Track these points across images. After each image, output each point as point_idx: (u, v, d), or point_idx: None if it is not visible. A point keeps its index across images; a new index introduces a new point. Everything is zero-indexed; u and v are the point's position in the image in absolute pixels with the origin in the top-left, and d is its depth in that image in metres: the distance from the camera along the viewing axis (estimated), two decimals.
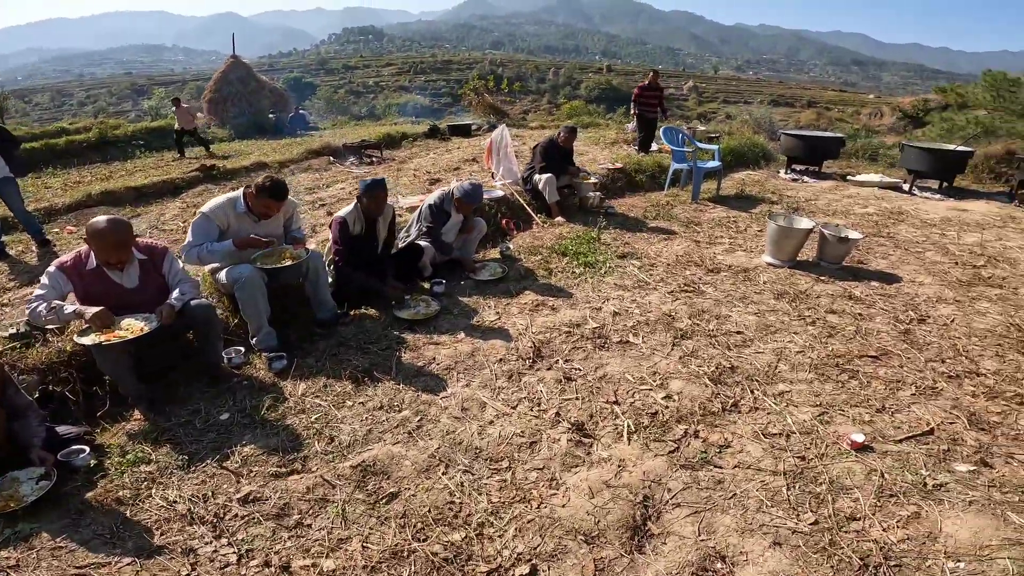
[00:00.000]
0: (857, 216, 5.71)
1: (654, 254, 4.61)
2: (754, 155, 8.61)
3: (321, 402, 2.61)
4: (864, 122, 33.03)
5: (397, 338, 3.18)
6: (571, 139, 5.73)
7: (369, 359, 2.94)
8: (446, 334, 3.21)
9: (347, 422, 2.46)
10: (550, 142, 5.74)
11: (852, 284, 3.99)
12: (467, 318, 3.43)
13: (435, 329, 3.27)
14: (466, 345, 3.09)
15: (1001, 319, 3.46)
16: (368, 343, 3.12)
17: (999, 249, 4.79)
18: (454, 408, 2.55)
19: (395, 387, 2.69)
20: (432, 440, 2.34)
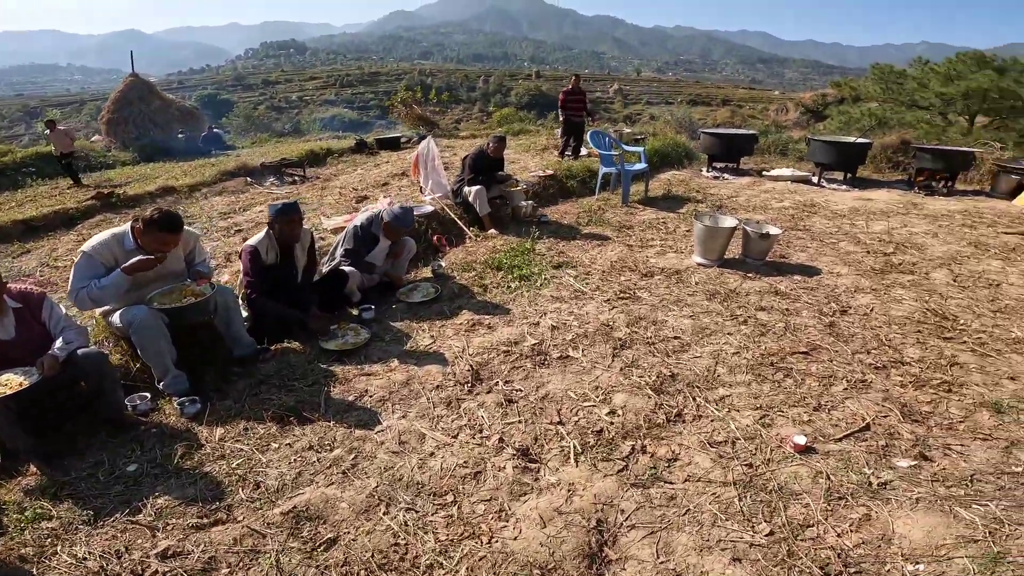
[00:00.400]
0: (775, 210, 5.96)
1: (589, 261, 4.57)
2: (678, 155, 8.89)
3: (243, 446, 2.39)
4: (773, 118, 35.46)
5: (325, 372, 2.95)
6: (500, 149, 5.62)
7: (294, 396, 2.74)
8: (378, 363, 3.02)
9: (274, 466, 2.26)
10: (479, 153, 5.61)
11: (777, 279, 4.11)
12: (400, 344, 3.25)
13: (366, 359, 3.08)
14: (400, 373, 2.91)
15: (917, 305, 3.65)
16: (292, 379, 2.88)
17: (906, 235, 5.13)
18: (391, 442, 2.39)
19: (325, 425, 2.52)
20: (370, 478, 2.18)
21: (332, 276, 3.75)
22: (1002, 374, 2.85)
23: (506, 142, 5.69)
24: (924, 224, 5.51)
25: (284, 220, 3.21)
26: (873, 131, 14.64)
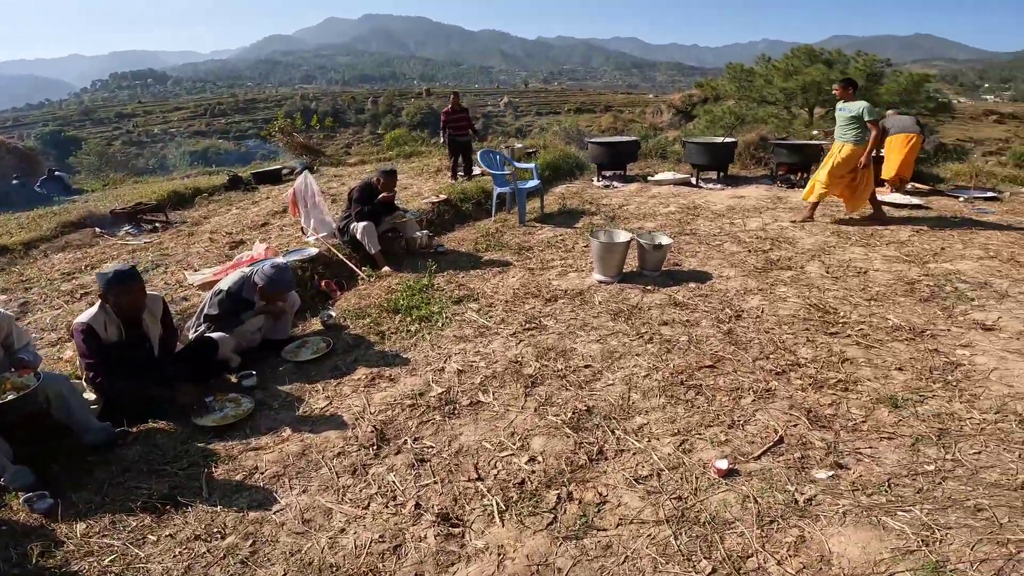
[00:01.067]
0: (663, 216, 6.17)
1: (491, 291, 4.37)
2: (569, 166, 9.03)
3: (113, 541, 2.07)
4: (650, 121, 38.09)
5: (203, 451, 2.61)
6: (391, 184, 5.24)
7: (168, 482, 2.43)
8: (268, 435, 2.70)
9: (156, 560, 2.00)
10: (366, 185, 5.22)
11: (674, 289, 4.16)
12: (291, 410, 2.92)
13: (252, 431, 2.75)
14: (294, 444, 2.61)
15: (800, 302, 3.83)
16: (163, 464, 2.54)
17: (778, 230, 5.49)
18: (293, 522, 2.13)
19: (211, 510, 2.25)
20: (275, 566, 1.94)
21: (199, 345, 3.25)
22: (889, 365, 3.02)
23: (396, 176, 5.34)
24: (791, 217, 5.95)
25: (119, 291, 2.72)
26: (735, 128, 16.07)
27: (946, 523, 1.93)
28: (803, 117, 20.89)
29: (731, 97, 23.80)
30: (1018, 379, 2.81)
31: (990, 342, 3.19)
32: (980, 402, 2.65)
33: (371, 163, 12.36)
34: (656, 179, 8.05)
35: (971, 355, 3.06)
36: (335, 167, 12.01)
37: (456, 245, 5.64)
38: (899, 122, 6.93)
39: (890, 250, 4.78)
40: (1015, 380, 2.81)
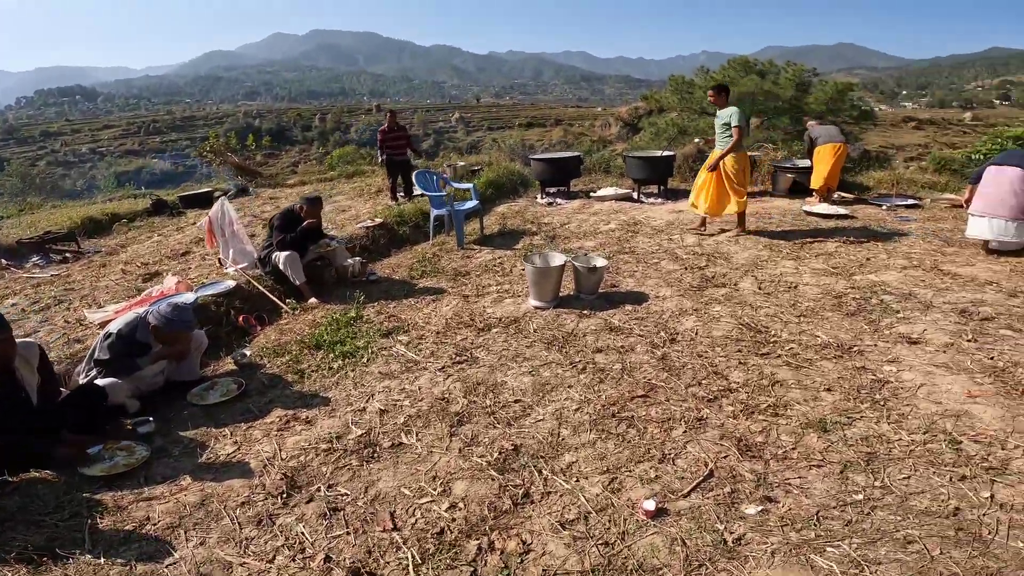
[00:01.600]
0: (604, 234, 6.12)
1: (423, 322, 4.15)
2: (512, 184, 8.93)
3: None
4: (599, 134, 38.83)
5: (88, 501, 2.44)
6: (314, 211, 4.94)
7: (46, 533, 2.26)
8: (164, 484, 2.52)
9: None
10: (288, 213, 4.90)
11: (610, 313, 4.06)
12: (192, 457, 2.71)
13: (147, 480, 2.57)
14: (193, 493, 2.44)
15: (733, 322, 3.79)
16: (42, 514, 2.37)
17: (713, 246, 5.52)
18: None
19: (94, 562, 2.09)
20: None
21: (86, 392, 2.97)
22: (818, 386, 2.98)
23: (321, 203, 5.04)
24: (726, 230, 6.00)
25: None
26: (676, 140, 16.49)
27: (875, 558, 1.86)
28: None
29: (674, 109, 24.49)
30: (945, 395, 2.82)
31: (916, 356, 3.22)
32: (908, 422, 2.62)
33: (312, 183, 11.92)
34: (599, 195, 8.04)
35: (898, 371, 3.07)
36: (273, 188, 11.48)
37: (390, 272, 5.38)
38: (827, 132, 7.13)
39: (818, 263, 4.86)
40: (942, 396, 2.81)
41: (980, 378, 2.95)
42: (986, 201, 4.79)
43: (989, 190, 4.80)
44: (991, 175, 4.86)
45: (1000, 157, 5.05)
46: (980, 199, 4.86)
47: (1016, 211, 4.64)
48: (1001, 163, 4.89)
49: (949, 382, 2.93)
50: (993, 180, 4.81)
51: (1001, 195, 4.70)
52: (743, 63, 22.92)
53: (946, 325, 3.57)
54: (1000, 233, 4.71)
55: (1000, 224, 4.70)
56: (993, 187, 4.77)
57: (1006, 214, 4.66)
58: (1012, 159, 4.86)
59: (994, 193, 4.74)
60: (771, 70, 22.36)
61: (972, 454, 2.38)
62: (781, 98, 20.67)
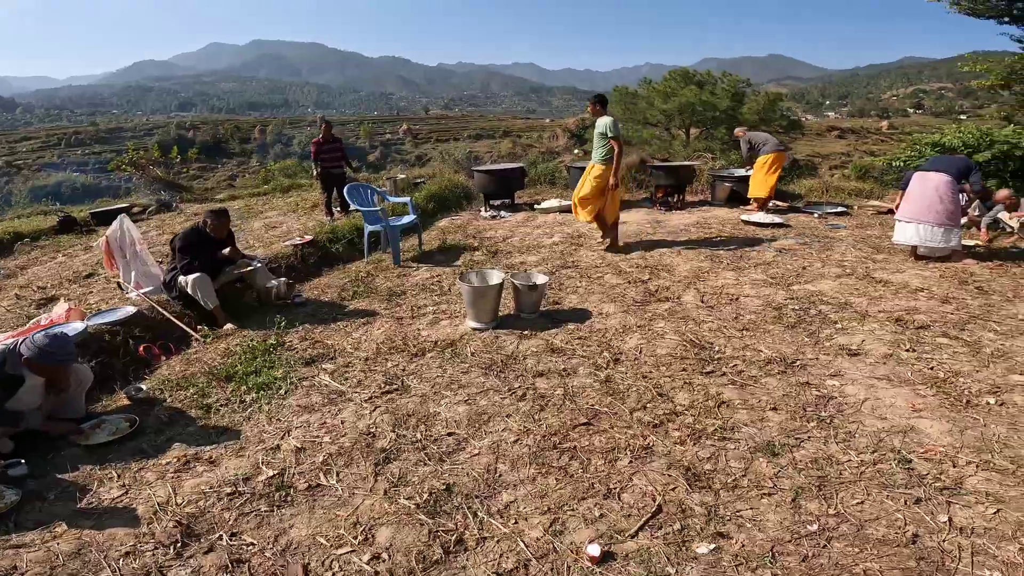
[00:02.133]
0: (547, 248, 5.94)
1: (352, 348, 3.80)
2: (456, 197, 8.66)
3: None
4: (547, 145, 39.32)
5: None
6: (222, 227, 4.49)
7: None
8: (35, 531, 2.24)
9: None
10: (192, 231, 4.42)
11: (552, 332, 3.84)
12: (71, 502, 2.41)
13: (16, 526, 2.27)
14: (68, 541, 2.16)
15: (677, 339, 3.65)
16: None
17: (657, 258, 5.44)
18: None
19: None
20: None
21: None
22: (764, 405, 2.86)
23: (227, 216, 4.58)
24: (669, 240, 5.97)
25: None
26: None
27: None
28: (681, 138, 22.40)
29: (619, 119, 25.01)
30: (890, 410, 2.76)
31: (858, 369, 3.17)
32: (856, 440, 2.54)
33: (244, 198, 11.22)
34: (543, 207, 7.90)
35: (841, 385, 3.00)
36: (200, 203, 10.71)
37: (319, 293, 4.97)
38: (769, 139, 7.21)
39: (758, 273, 4.86)
40: (887, 411, 2.75)
41: (922, 390, 2.92)
42: (913, 207, 4.90)
43: (915, 196, 4.91)
44: (917, 181, 4.97)
45: (927, 163, 5.18)
46: (907, 205, 4.97)
47: (942, 216, 4.76)
48: (927, 169, 5.01)
49: (892, 395, 2.88)
50: (919, 186, 4.92)
51: (927, 201, 4.82)
52: (683, 74, 23.74)
53: (883, 335, 3.57)
54: (927, 239, 4.83)
55: (927, 230, 4.82)
56: (919, 193, 4.89)
57: (932, 219, 4.79)
58: (938, 164, 4.98)
59: (920, 199, 4.86)
60: (709, 80, 23.27)
61: (924, 473, 2.30)
62: (718, 108, 21.52)
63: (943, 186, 4.79)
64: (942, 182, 4.80)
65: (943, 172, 4.83)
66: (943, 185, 4.79)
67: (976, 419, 2.65)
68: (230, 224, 4.59)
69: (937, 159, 5.24)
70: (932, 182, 4.85)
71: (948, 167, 4.87)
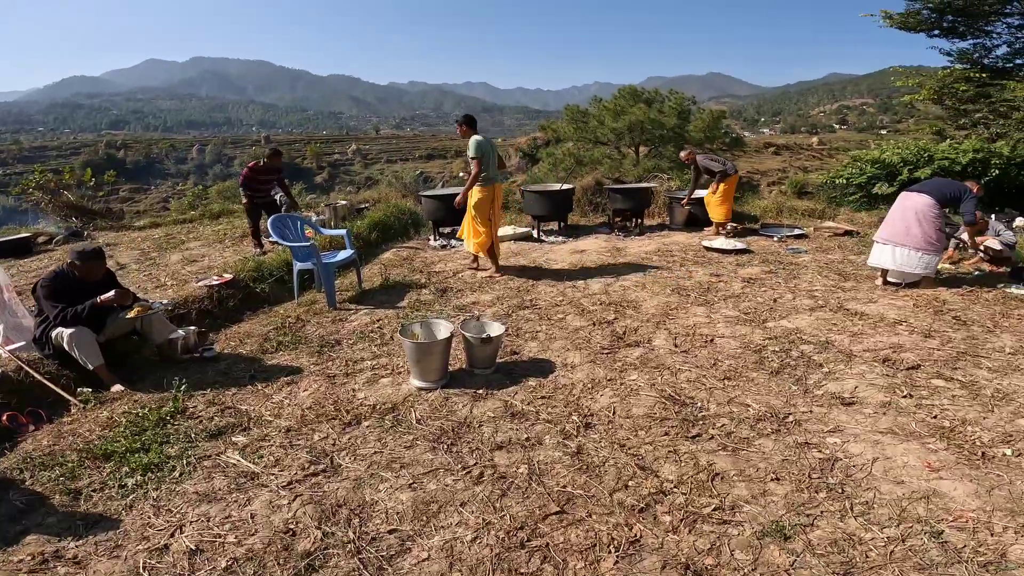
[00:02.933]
0: (501, 285, 5.41)
1: (270, 415, 3.14)
2: (403, 224, 8.03)
3: None
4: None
5: None
6: (92, 269, 3.68)
7: None
8: None
9: None
10: (58, 276, 3.60)
11: (511, 391, 3.30)
12: None
13: None
14: None
15: (654, 395, 3.19)
16: None
17: (621, 292, 5.02)
18: None
19: None
20: None
21: None
22: (764, 475, 2.43)
23: (101, 256, 3.76)
24: (632, 273, 5.58)
25: None
26: (574, 171, 16.57)
27: None
28: (631, 157, 22.62)
29: (570, 139, 25.02)
30: (904, 470, 2.40)
31: (857, 422, 2.82)
32: (876, 512, 2.15)
33: (167, 224, 10.16)
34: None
35: (843, 443, 2.63)
36: (116, 232, 9.60)
37: (237, 344, 4.25)
38: (729, 163, 6.98)
39: (729, 308, 4.51)
40: (902, 472, 2.39)
41: (932, 443, 2.59)
42: (891, 228, 4.70)
43: (895, 217, 4.67)
44: (899, 201, 4.73)
45: (916, 184, 4.86)
46: (886, 226, 4.75)
47: (920, 240, 4.55)
48: (912, 189, 4.76)
49: (902, 452, 2.53)
50: (900, 206, 4.67)
51: (907, 223, 4.59)
52: (632, 92, 24.09)
53: (875, 379, 3.26)
54: (903, 263, 4.63)
55: (903, 253, 4.61)
56: (899, 214, 4.65)
57: (909, 243, 4.58)
58: (925, 186, 4.72)
59: (899, 220, 4.64)
60: (657, 99, 23.70)
61: (960, 547, 1.94)
62: (666, 126, 21.87)
63: (923, 208, 4.57)
64: (923, 204, 4.59)
65: (926, 194, 4.61)
66: (923, 207, 4.58)
67: (999, 475, 2.34)
68: (105, 265, 3.80)
69: (928, 180, 4.94)
70: (913, 202, 4.63)
71: (933, 190, 4.63)
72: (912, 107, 17.18)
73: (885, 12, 12.48)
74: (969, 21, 11.95)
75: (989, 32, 12.16)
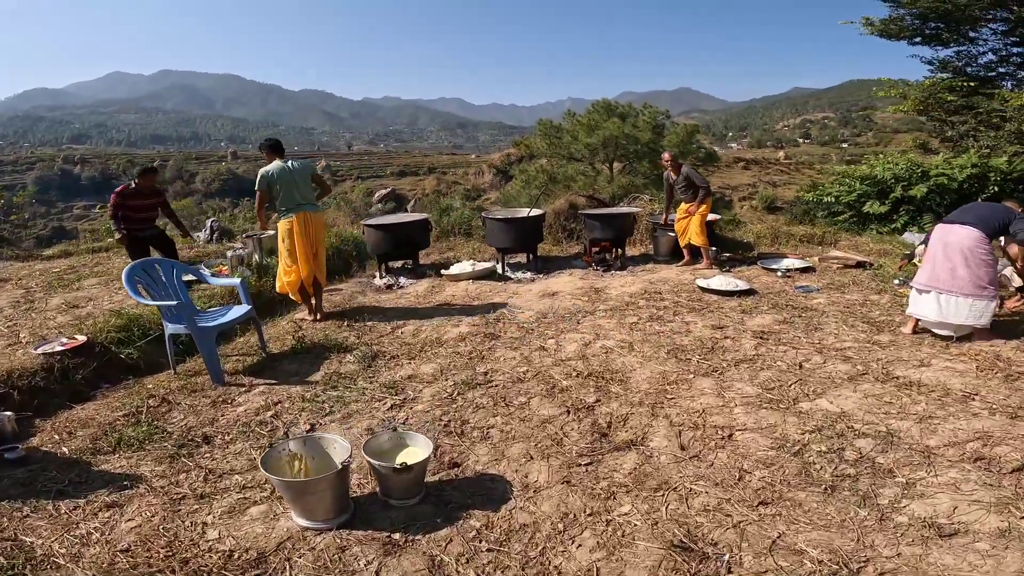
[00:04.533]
0: (450, 347, 4.14)
1: (66, 556, 2.02)
2: (344, 258, 6.79)
3: None
4: (473, 182, 38.07)
5: None
6: None
7: None
8: None
9: None
10: None
11: (441, 539, 2.13)
12: None
13: None
14: None
15: (656, 544, 2.04)
16: None
17: (601, 355, 3.86)
18: None
19: None
20: None
21: None
22: None
23: None
24: (615, 327, 4.41)
25: None
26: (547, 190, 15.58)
27: None
28: (605, 173, 21.86)
29: (543, 155, 24.23)
30: None
31: (972, 566, 1.80)
32: None
33: (79, 254, 8.72)
34: (451, 273, 6.16)
35: None
36: (23, 262, 8.13)
37: (64, 437, 2.99)
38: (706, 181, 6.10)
39: (744, 379, 3.41)
40: None
41: None
42: (932, 271, 3.78)
43: (937, 257, 3.80)
44: (938, 236, 3.87)
45: (954, 212, 4.00)
46: (926, 269, 3.85)
47: (968, 284, 3.64)
48: (952, 220, 3.90)
49: None
50: (940, 243, 3.82)
51: (951, 263, 3.70)
52: (606, 106, 23.46)
53: (974, 490, 2.24)
54: (952, 313, 3.70)
55: (951, 302, 3.69)
56: (941, 253, 3.78)
57: (957, 288, 3.67)
58: (967, 216, 3.85)
59: (943, 261, 3.74)
60: (631, 113, 23.14)
61: None
62: (640, 141, 21.23)
63: (971, 244, 3.69)
64: (970, 239, 3.70)
65: (972, 226, 3.73)
66: (971, 243, 3.69)
67: None
68: None
69: (966, 208, 4.03)
70: (956, 237, 3.74)
71: (979, 220, 3.75)
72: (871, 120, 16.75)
73: (866, 19, 11.98)
74: (953, 26, 11.48)
75: (974, 39, 11.71)
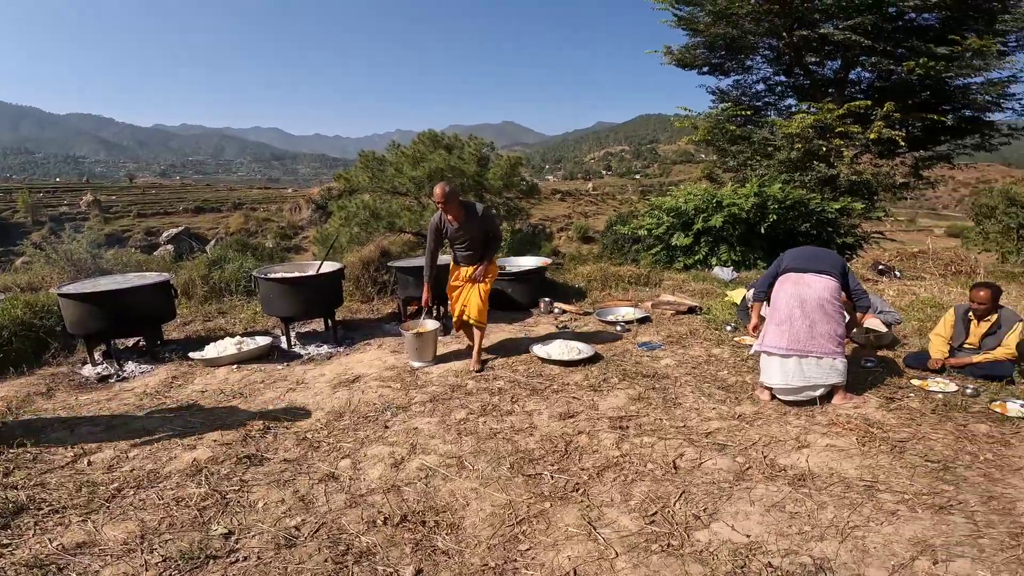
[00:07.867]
0: (171, 487, 2.49)
1: None
2: (33, 339, 4.47)
3: None
4: (289, 219, 34.23)
5: None
6: None
7: None
8: None
9: None
10: None
11: None
12: None
13: None
14: None
15: None
16: None
17: (421, 481, 2.50)
18: None
19: None
20: None
21: None
22: None
23: None
24: (437, 428, 3.24)
25: None
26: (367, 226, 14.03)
27: None
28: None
29: (366, 189, 22.54)
30: None
31: None
32: None
33: None
34: (206, 357, 4.28)
35: None
36: None
37: None
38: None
39: (614, 498, 2.44)
40: None
41: None
42: (787, 331, 3.26)
43: (793, 314, 3.27)
44: (789, 288, 3.35)
45: (794, 258, 3.45)
46: (776, 329, 3.31)
47: (827, 341, 3.19)
48: (799, 268, 3.40)
49: None
50: (795, 298, 3.30)
51: (810, 320, 3.23)
52: (432, 137, 22.81)
53: None
54: (815, 376, 3.25)
55: (813, 365, 3.24)
56: (798, 309, 3.27)
57: (816, 348, 3.20)
58: (815, 263, 3.38)
59: (800, 318, 3.24)
60: (457, 144, 22.86)
61: None
62: (466, 174, 20.93)
63: (829, 296, 3.27)
64: (828, 290, 3.27)
65: (828, 275, 3.32)
66: (829, 294, 3.27)
67: None
68: None
69: (808, 254, 3.50)
70: (814, 292, 3.28)
71: (831, 267, 3.36)
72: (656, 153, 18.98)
73: (667, 47, 13.12)
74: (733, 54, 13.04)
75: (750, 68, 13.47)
